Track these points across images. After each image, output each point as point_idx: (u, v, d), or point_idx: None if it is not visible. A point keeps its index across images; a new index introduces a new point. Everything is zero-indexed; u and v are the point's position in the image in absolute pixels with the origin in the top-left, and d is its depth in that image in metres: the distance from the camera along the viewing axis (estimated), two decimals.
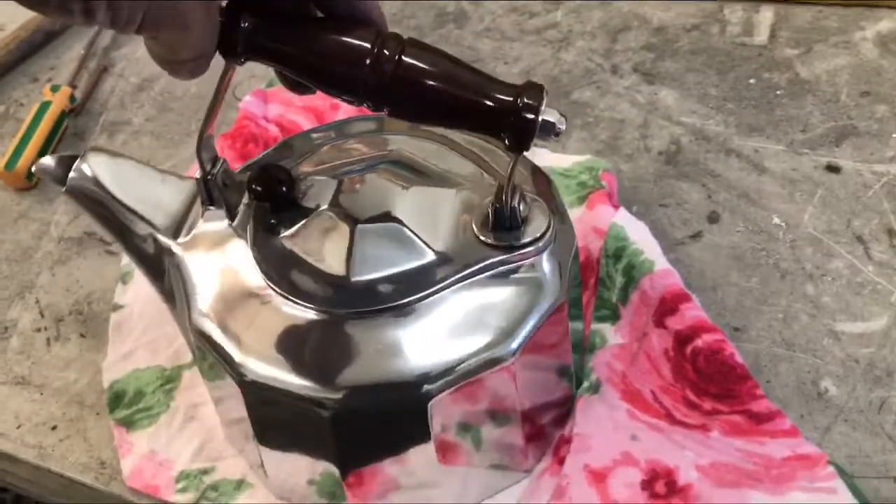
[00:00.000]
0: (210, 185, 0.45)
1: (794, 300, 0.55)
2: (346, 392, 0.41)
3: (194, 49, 0.39)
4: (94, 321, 0.58)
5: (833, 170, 0.61)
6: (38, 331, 0.58)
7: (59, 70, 0.76)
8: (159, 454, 0.51)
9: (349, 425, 0.43)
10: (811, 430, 0.49)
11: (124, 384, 0.54)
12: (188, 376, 0.54)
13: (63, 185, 0.46)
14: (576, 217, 0.56)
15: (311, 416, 0.42)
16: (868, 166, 0.61)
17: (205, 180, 0.45)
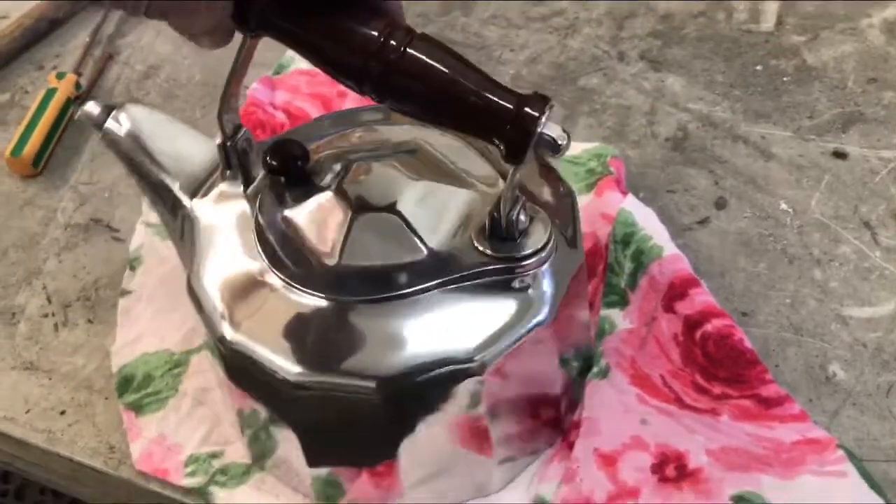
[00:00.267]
0: (229, 152, 0.46)
1: (801, 285, 0.55)
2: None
3: (204, 26, 0.39)
4: (102, 307, 0.58)
5: (840, 156, 0.61)
6: (46, 316, 0.58)
7: (64, 58, 0.75)
8: (168, 438, 0.51)
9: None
10: (819, 413, 0.49)
11: (133, 368, 0.54)
12: (196, 361, 0.54)
13: (100, 131, 0.49)
14: (584, 203, 0.56)
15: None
16: (875, 152, 0.61)
17: (224, 146, 0.46)
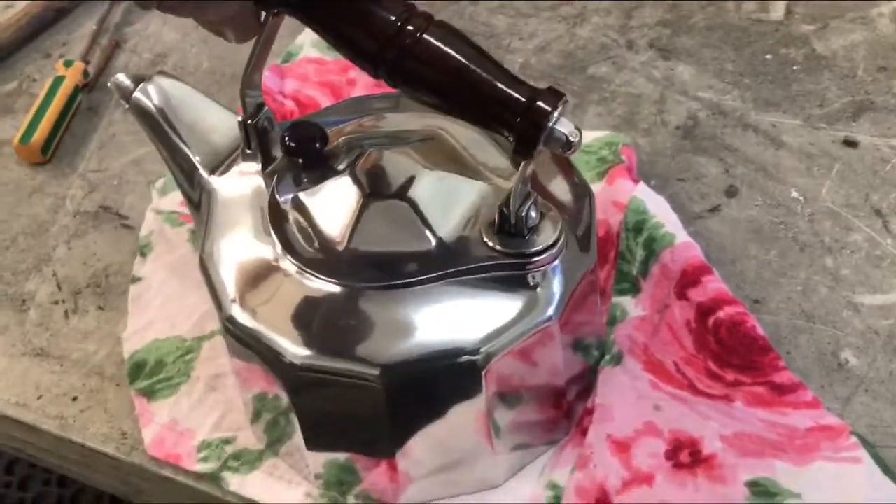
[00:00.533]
0: (249, 130, 0.46)
1: (813, 273, 0.55)
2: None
3: (220, 16, 0.39)
4: (112, 294, 0.58)
5: (850, 144, 0.61)
6: (56, 303, 0.58)
7: (72, 46, 0.75)
8: (180, 424, 0.51)
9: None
10: (832, 400, 0.49)
11: (144, 354, 0.54)
12: (208, 347, 0.54)
13: (128, 103, 0.50)
14: (596, 191, 0.55)
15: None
16: (886, 141, 0.61)
17: (245, 124, 0.46)
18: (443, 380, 0.43)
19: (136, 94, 0.50)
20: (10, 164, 0.67)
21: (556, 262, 0.43)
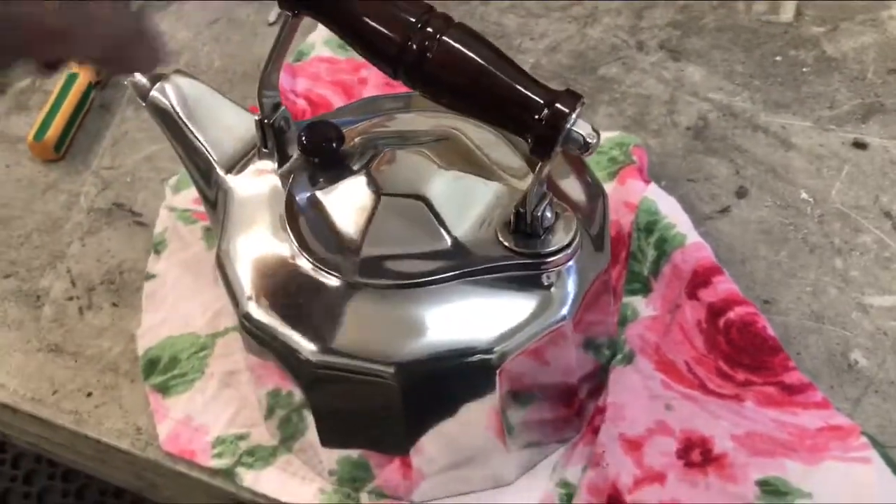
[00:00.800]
0: (266, 129, 0.47)
1: (822, 274, 0.55)
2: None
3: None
4: (126, 290, 0.59)
5: (860, 146, 0.61)
6: (71, 299, 0.59)
7: None
8: (195, 419, 0.51)
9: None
10: (841, 400, 0.49)
11: (159, 351, 0.54)
12: (222, 344, 0.54)
13: (144, 102, 0.50)
14: (607, 191, 0.56)
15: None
16: (895, 143, 0.61)
17: (262, 123, 0.47)
18: (457, 378, 0.43)
19: (153, 93, 0.50)
20: (23, 160, 0.67)
21: (571, 263, 0.43)
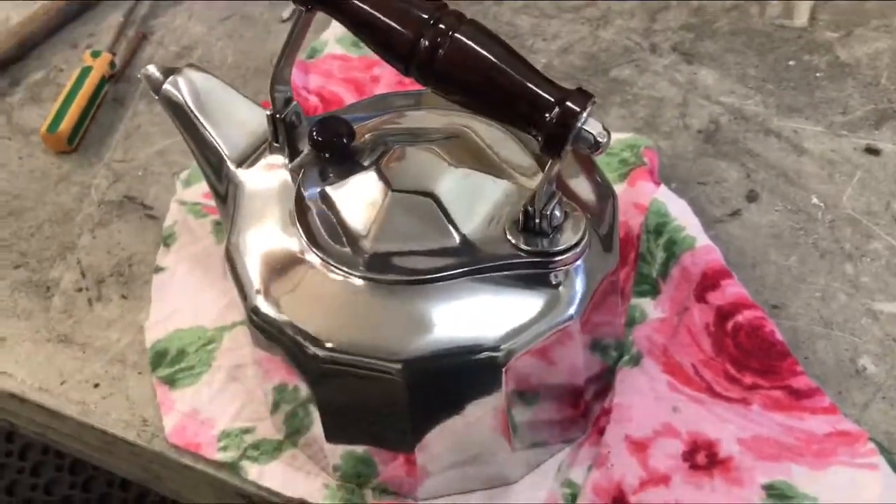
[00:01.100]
0: (277, 124, 0.47)
1: (832, 279, 0.55)
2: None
3: None
4: (135, 283, 0.59)
5: (873, 152, 0.61)
6: (80, 291, 0.59)
7: (99, 37, 0.76)
8: (201, 413, 0.51)
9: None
10: (850, 406, 0.49)
11: (166, 343, 0.54)
12: (229, 337, 0.54)
13: (157, 95, 0.51)
14: (617, 193, 0.56)
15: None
16: None
17: (273, 118, 0.47)
18: (463, 375, 0.43)
19: (166, 86, 0.51)
20: (36, 152, 0.68)
21: (579, 262, 0.43)
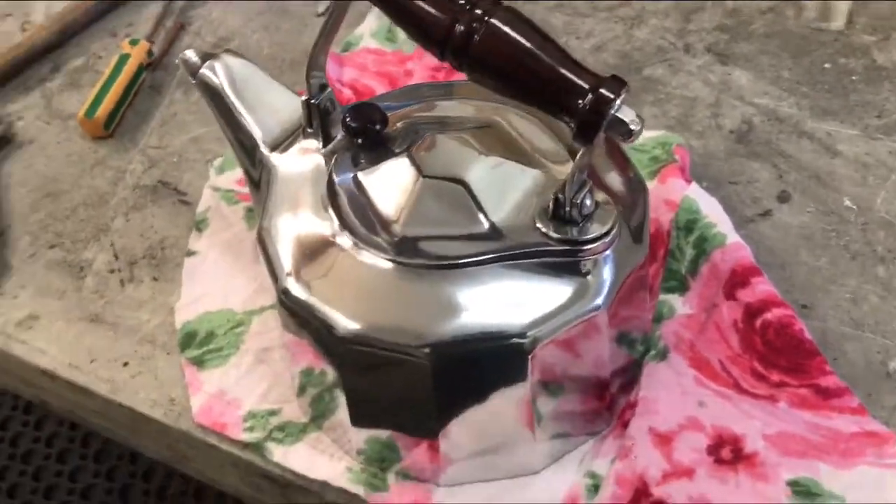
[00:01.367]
0: (312, 109, 0.48)
1: (864, 281, 0.54)
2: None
3: None
4: (167, 266, 0.59)
5: None
6: (112, 272, 0.60)
7: (138, 26, 0.77)
8: (228, 393, 0.52)
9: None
10: (879, 409, 0.49)
11: (196, 325, 0.55)
12: (258, 321, 0.55)
13: (194, 79, 0.52)
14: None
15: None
16: None
17: (308, 103, 0.48)
18: (489, 361, 0.43)
19: (203, 70, 0.51)
20: (74, 137, 0.69)
21: (609, 252, 0.43)
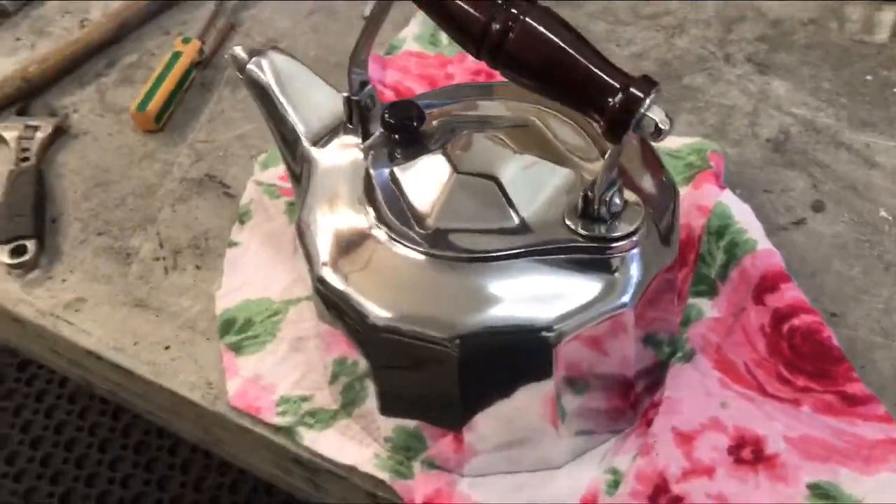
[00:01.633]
0: (353, 106, 0.49)
1: None
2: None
3: None
4: (209, 256, 0.61)
5: None
6: (157, 260, 0.62)
7: (190, 25, 0.80)
8: (263, 378, 0.53)
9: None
10: None
11: (235, 312, 0.57)
12: (294, 311, 0.56)
13: (242, 74, 0.54)
14: (681, 195, 0.56)
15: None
16: None
17: (349, 100, 0.49)
18: (515, 353, 0.44)
19: (250, 66, 0.53)
20: (126, 130, 0.71)
21: (636, 250, 0.44)
